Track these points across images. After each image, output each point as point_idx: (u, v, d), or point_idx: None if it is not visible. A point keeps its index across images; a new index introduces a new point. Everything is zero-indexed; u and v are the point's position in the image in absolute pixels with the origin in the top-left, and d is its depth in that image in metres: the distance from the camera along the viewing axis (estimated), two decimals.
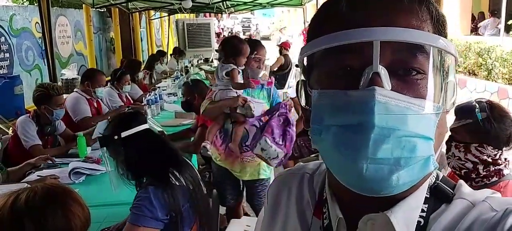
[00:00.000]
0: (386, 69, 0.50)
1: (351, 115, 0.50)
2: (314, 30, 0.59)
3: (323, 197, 0.66)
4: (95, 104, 4.29)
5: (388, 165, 0.49)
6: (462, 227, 0.54)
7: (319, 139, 0.54)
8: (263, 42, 3.56)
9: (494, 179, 1.60)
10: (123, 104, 4.92)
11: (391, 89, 0.50)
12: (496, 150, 1.58)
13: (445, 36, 0.56)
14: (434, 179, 0.59)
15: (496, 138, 1.57)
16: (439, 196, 0.58)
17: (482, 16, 11.95)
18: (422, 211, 0.56)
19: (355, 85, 0.51)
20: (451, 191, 0.59)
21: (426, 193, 0.58)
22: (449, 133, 1.67)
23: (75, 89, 4.35)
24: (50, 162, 2.98)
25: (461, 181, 0.61)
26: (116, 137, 1.89)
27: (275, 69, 8.63)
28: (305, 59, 0.60)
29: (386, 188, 0.50)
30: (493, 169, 1.60)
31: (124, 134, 1.89)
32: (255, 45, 3.09)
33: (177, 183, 1.87)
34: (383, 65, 0.50)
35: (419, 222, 0.56)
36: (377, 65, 0.50)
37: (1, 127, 5.26)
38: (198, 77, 7.13)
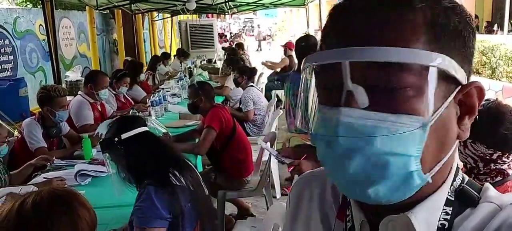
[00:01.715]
0: (363, 86, 0.51)
1: (325, 131, 0.54)
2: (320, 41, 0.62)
3: (346, 200, 0.66)
4: (99, 107, 4.27)
5: (361, 180, 0.52)
6: (489, 230, 0.54)
7: (315, 146, 0.57)
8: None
9: (498, 178, 1.59)
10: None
11: (368, 105, 0.50)
12: (492, 149, 1.56)
13: (458, 43, 0.53)
14: (460, 182, 0.59)
15: (487, 138, 1.55)
16: (464, 200, 0.57)
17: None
18: (447, 214, 0.56)
19: (337, 101, 0.53)
20: (477, 194, 0.58)
21: (451, 196, 0.57)
22: None
23: (79, 92, 4.32)
24: (47, 162, 2.97)
25: (487, 184, 0.60)
26: (116, 139, 1.91)
27: (278, 70, 8.50)
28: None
29: (374, 199, 0.52)
30: (494, 167, 1.59)
31: (123, 136, 1.92)
32: None
33: (177, 183, 1.88)
34: (361, 83, 0.51)
35: (443, 225, 0.56)
36: (347, 85, 0.51)
37: (8, 128, 5.28)
38: (202, 79, 7.14)
